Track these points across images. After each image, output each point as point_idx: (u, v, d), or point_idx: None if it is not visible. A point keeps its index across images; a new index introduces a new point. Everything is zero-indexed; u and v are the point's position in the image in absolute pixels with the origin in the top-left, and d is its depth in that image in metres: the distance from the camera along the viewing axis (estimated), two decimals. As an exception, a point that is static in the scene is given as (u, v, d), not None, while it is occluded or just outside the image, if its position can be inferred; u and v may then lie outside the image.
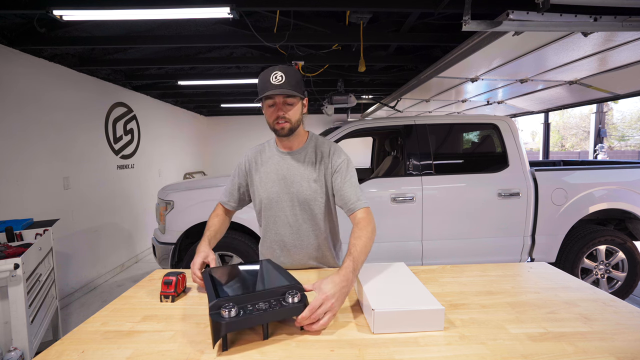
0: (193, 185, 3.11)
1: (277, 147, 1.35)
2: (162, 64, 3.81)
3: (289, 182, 1.29)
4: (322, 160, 1.30)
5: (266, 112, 1.24)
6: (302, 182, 1.29)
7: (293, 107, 1.22)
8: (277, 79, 1.15)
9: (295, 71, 1.21)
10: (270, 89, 1.15)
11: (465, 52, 2.57)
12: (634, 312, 0.97)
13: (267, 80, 1.16)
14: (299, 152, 1.32)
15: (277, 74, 1.15)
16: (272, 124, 1.24)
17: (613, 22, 1.92)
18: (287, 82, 1.16)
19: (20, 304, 1.83)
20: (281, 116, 1.20)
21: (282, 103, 1.20)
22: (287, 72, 1.17)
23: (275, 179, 1.31)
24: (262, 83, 1.19)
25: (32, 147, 2.99)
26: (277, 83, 1.15)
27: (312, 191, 1.28)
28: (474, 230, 2.91)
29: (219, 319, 0.79)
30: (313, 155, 1.31)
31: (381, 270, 1.14)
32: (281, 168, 1.31)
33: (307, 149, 1.32)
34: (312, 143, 1.34)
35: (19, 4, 2.21)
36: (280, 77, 1.15)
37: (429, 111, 5.86)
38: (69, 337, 0.88)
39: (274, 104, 1.21)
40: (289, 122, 1.21)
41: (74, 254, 3.52)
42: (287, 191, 1.30)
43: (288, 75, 1.16)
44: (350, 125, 3.00)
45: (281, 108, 1.20)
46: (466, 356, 0.77)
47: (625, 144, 21.30)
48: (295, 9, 2.71)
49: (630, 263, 3.03)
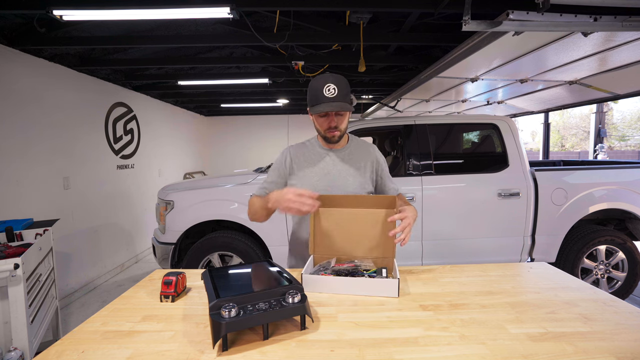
0: (193, 185, 3.11)
1: (320, 145, 1.44)
2: (162, 64, 3.81)
3: (335, 177, 1.39)
4: (367, 157, 1.44)
5: (317, 120, 1.33)
6: (348, 177, 1.40)
7: (344, 117, 1.32)
8: (330, 92, 1.23)
9: (345, 82, 1.28)
10: (324, 101, 1.24)
11: (465, 52, 2.57)
12: (634, 312, 0.97)
13: (320, 93, 1.24)
14: (343, 150, 1.43)
15: (329, 87, 1.23)
16: (323, 132, 1.34)
17: (613, 22, 1.92)
18: (340, 94, 1.23)
19: (20, 304, 1.82)
20: (333, 126, 1.30)
21: (335, 114, 1.29)
22: (338, 84, 1.24)
23: (321, 174, 1.40)
24: (314, 93, 1.27)
25: (32, 147, 2.99)
26: (330, 96, 1.23)
27: (357, 184, 1.40)
28: (474, 230, 2.91)
29: (219, 319, 0.79)
30: (356, 152, 1.44)
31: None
32: (327, 164, 1.41)
33: (350, 147, 1.45)
34: (354, 142, 1.47)
35: (19, 4, 2.21)
36: (333, 89, 1.23)
37: (429, 111, 5.85)
38: (69, 337, 0.88)
39: (326, 114, 1.30)
40: (339, 131, 1.33)
41: (74, 254, 3.52)
42: (333, 185, 1.38)
43: (340, 87, 1.24)
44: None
45: (334, 119, 1.30)
46: (466, 356, 0.77)
47: (625, 144, 21.30)
48: (295, 9, 2.71)
49: (630, 263, 3.03)
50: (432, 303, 1.05)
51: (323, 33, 3.01)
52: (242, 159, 7.97)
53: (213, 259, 2.86)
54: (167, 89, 5.06)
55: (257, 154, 7.88)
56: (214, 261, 2.86)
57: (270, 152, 1.73)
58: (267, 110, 7.56)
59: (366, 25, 2.93)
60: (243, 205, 2.84)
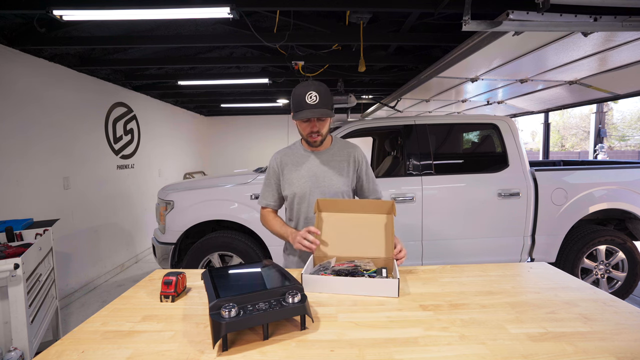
0: (193, 185, 3.11)
1: (304, 148, 1.51)
2: (162, 64, 3.81)
3: (320, 178, 1.46)
4: (349, 159, 1.49)
5: (300, 125, 1.41)
6: (333, 177, 1.47)
7: (325, 123, 1.40)
8: (312, 99, 1.30)
9: (326, 89, 1.36)
10: (306, 108, 1.31)
11: (465, 52, 2.57)
12: (634, 312, 0.97)
13: (303, 100, 1.31)
14: (326, 152, 1.50)
15: (311, 94, 1.30)
16: (306, 136, 1.43)
17: (613, 22, 1.92)
18: (321, 102, 1.31)
19: (20, 304, 1.82)
20: (315, 131, 1.38)
21: (316, 120, 1.37)
22: (319, 91, 1.32)
23: (307, 176, 1.46)
24: (297, 100, 1.34)
25: (32, 147, 2.99)
26: (312, 103, 1.30)
27: (341, 184, 1.47)
28: (474, 230, 2.91)
29: (219, 319, 0.79)
30: (340, 154, 1.50)
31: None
32: (312, 166, 1.48)
33: (333, 149, 1.51)
34: (337, 144, 1.53)
35: (19, 4, 2.21)
36: (315, 97, 1.30)
37: (429, 111, 5.85)
38: (69, 337, 0.88)
39: (308, 120, 1.37)
40: (320, 136, 1.40)
41: (74, 254, 3.52)
42: (318, 185, 1.45)
43: (321, 94, 1.31)
44: (350, 125, 3.00)
45: (315, 125, 1.37)
46: (466, 356, 0.77)
47: (625, 144, 21.30)
48: (295, 9, 2.71)
49: (630, 263, 3.02)
50: (432, 303, 1.05)
51: (323, 33, 3.01)
52: (242, 159, 7.97)
53: (213, 259, 2.86)
54: (167, 89, 5.06)
55: (257, 154, 7.88)
56: (214, 261, 2.86)
57: (270, 152, 1.74)
58: (267, 110, 7.56)
59: (366, 25, 2.93)
60: (243, 205, 2.84)
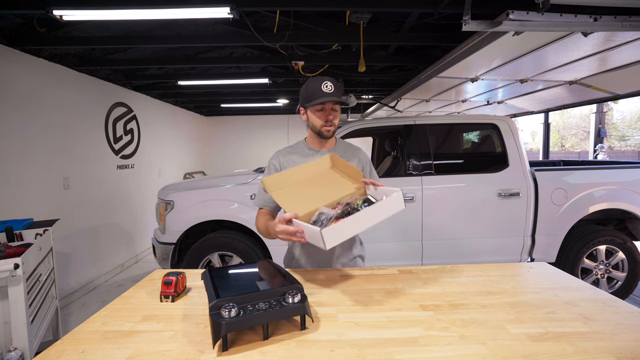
0: (193, 185, 3.11)
1: (309, 147, 1.48)
2: (162, 64, 3.80)
3: None
4: (353, 158, 1.48)
5: (314, 115, 1.38)
6: None
7: (337, 114, 1.40)
8: (328, 87, 1.32)
9: (338, 82, 1.40)
10: (323, 96, 1.31)
11: (465, 52, 2.57)
12: (634, 312, 0.97)
13: (319, 89, 1.32)
14: (331, 151, 1.44)
15: (327, 84, 1.32)
16: (319, 127, 1.39)
17: (613, 22, 1.92)
18: (336, 91, 1.33)
19: (20, 304, 1.82)
20: (330, 120, 1.36)
21: (331, 109, 1.36)
22: (334, 82, 1.34)
23: None
24: (311, 90, 1.34)
25: (32, 147, 2.99)
26: (328, 91, 1.31)
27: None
28: (474, 230, 2.91)
29: (219, 319, 0.79)
30: (344, 155, 1.47)
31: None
32: None
33: (338, 149, 1.49)
34: (341, 144, 1.52)
35: (19, 4, 2.21)
36: (331, 86, 1.32)
37: (429, 111, 5.85)
38: (69, 337, 0.88)
39: (322, 109, 1.36)
40: (334, 126, 1.39)
41: (74, 254, 3.52)
42: None
43: (335, 85, 1.34)
44: (350, 125, 3.00)
45: (330, 113, 1.36)
46: (466, 356, 0.77)
47: (625, 144, 21.30)
48: (295, 9, 2.71)
49: (630, 263, 3.02)
50: (432, 303, 1.05)
51: (323, 33, 3.01)
52: (242, 159, 7.97)
53: (213, 259, 2.86)
54: (167, 89, 5.06)
55: (257, 154, 7.88)
56: (214, 261, 2.86)
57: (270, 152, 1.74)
58: (267, 110, 7.56)
59: (366, 25, 2.93)
60: (243, 205, 2.84)
